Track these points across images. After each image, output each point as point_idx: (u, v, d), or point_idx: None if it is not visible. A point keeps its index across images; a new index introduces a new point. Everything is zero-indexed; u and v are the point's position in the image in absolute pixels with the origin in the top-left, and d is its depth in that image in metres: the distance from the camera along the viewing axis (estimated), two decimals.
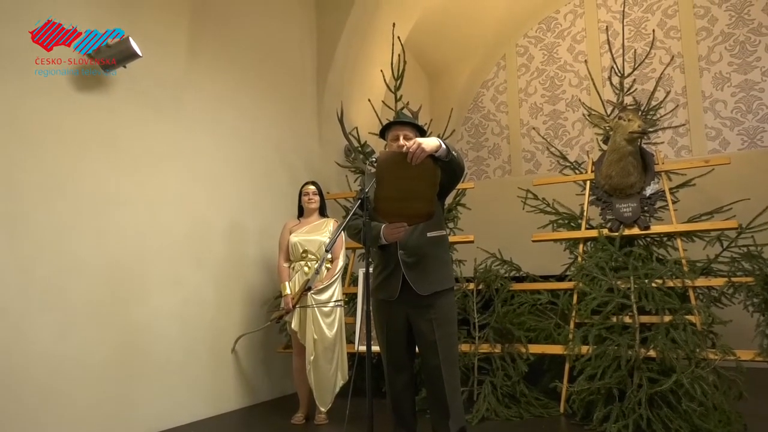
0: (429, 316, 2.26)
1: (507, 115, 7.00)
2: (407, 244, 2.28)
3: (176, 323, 3.46)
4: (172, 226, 3.49)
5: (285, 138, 4.63)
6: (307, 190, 3.74)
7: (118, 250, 3.15)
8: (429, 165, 2.01)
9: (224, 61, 4.02)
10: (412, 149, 1.97)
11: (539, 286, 3.80)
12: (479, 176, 7.05)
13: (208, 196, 3.79)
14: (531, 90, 6.88)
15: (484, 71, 7.19)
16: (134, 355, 3.19)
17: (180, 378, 3.45)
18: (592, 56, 6.42)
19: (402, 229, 2.19)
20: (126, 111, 3.25)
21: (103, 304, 3.04)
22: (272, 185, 4.41)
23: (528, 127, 6.82)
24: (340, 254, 3.60)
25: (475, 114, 7.22)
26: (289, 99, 4.74)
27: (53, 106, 2.88)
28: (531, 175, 6.58)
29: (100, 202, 3.08)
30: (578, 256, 3.77)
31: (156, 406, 3.27)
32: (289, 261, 3.72)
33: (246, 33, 4.27)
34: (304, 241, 3.62)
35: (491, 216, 6.02)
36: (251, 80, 4.29)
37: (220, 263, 3.84)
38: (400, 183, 2.03)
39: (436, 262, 2.30)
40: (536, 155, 6.73)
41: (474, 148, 7.18)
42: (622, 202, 3.73)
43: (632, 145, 3.63)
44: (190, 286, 3.59)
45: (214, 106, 3.92)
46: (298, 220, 3.79)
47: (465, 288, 3.82)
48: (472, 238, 3.92)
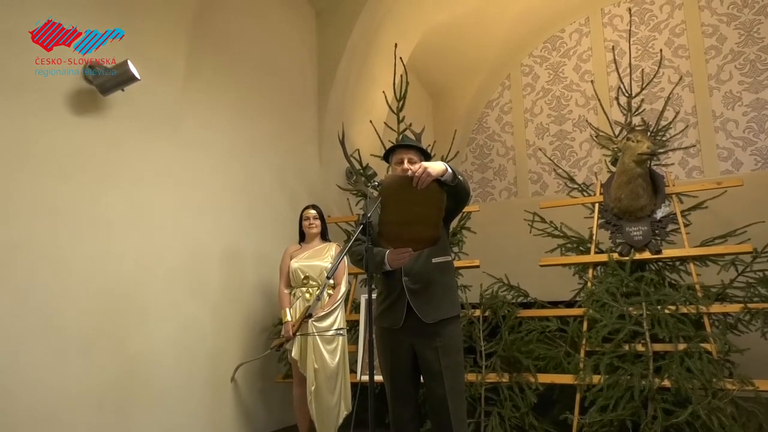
0: (434, 344, 2.26)
1: (512, 135, 7.07)
2: (412, 270, 2.30)
3: (173, 351, 3.46)
4: (169, 251, 3.52)
5: (285, 160, 4.69)
6: (308, 214, 3.78)
7: (114, 276, 3.17)
8: (435, 189, 2.05)
9: (222, 82, 4.10)
10: (417, 174, 2.01)
11: (548, 313, 3.79)
12: (484, 198, 7.08)
13: (205, 220, 3.83)
14: (537, 110, 6.96)
15: (489, 91, 7.29)
16: (130, 383, 3.18)
17: (177, 408, 3.43)
18: (599, 76, 6.52)
19: (407, 255, 2.20)
20: (122, 133, 3.31)
21: (99, 331, 3.05)
22: (272, 209, 4.44)
23: (534, 147, 6.88)
24: (342, 280, 3.61)
25: (479, 135, 7.29)
26: (288, 120, 4.81)
27: (48, 128, 2.93)
28: (538, 197, 6.61)
29: (96, 226, 3.11)
30: (588, 282, 3.77)
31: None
32: (290, 287, 3.73)
33: (245, 53, 4.36)
34: (305, 267, 3.63)
35: (497, 240, 6.03)
36: (250, 102, 4.36)
37: (218, 289, 3.85)
38: (405, 207, 2.06)
39: (442, 288, 2.32)
40: (543, 177, 6.78)
41: (479, 170, 7.23)
42: (632, 225, 3.74)
43: (641, 166, 3.66)
44: (188, 312, 3.59)
45: (212, 128, 3.98)
46: (300, 245, 3.81)
47: (471, 315, 3.81)
48: (478, 262, 3.93)
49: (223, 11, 4.15)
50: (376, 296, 2.45)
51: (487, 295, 3.92)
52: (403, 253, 2.20)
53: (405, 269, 2.30)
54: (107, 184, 3.20)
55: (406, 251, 2.20)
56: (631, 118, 4.02)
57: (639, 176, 3.68)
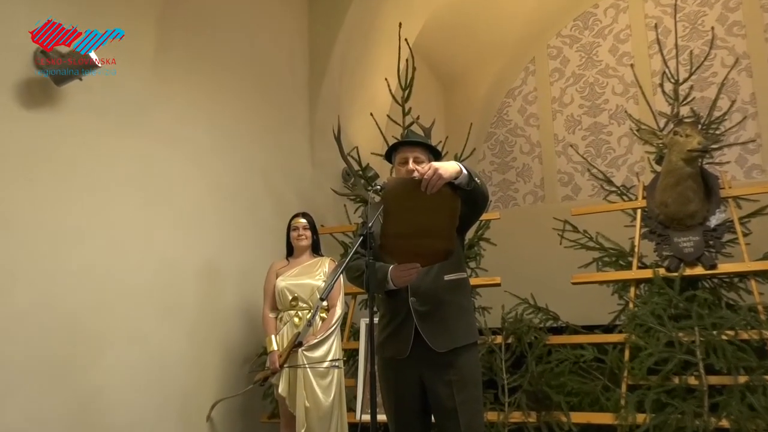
0: (448, 377, 2.27)
1: (538, 129, 7.09)
2: (420, 289, 2.31)
3: (140, 385, 3.47)
4: (135, 267, 3.53)
5: (271, 160, 4.71)
6: (297, 224, 3.79)
7: (70, 297, 3.18)
8: (447, 194, 2.06)
9: (199, 69, 4.13)
10: (426, 176, 2.02)
11: (582, 339, 3.79)
12: (506, 204, 7.09)
13: (178, 230, 3.84)
14: (566, 99, 6.98)
15: (510, 78, 7.32)
16: (89, 423, 3.18)
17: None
18: (640, 58, 6.54)
19: (414, 271, 2.22)
20: (80, 129, 3.32)
21: (52, 363, 3.06)
22: (256, 218, 4.46)
23: (564, 143, 6.90)
24: (338, 302, 3.62)
25: (499, 129, 7.32)
26: (275, 114, 4.84)
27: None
28: (569, 202, 6.63)
29: (49, 239, 3.13)
30: (629, 302, 3.77)
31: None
32: (276, 310, 3.73)
33: (224, 37, 4.40)
34: (293, 286, 3.64)
35: (521, 253, 6.03)
36: (231, 93, 4.39)
37: (193, 312, 3.86)
38: (412, 216, 2.08)
39: (455, 310, 2.33)
40: (575, 178, 6.79)
41: (499, 170, 7.25)
42: (681, 235, 3.75)
43: (691, 165, 3.67)
44: (157, 339, 3.60)
45: (187, 124, 4.01)
46: (287, 261, 3.82)
47: (491, 342, 3.82)
48: (499, 280, 3.93)
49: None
50: (378, 320, 2.45)
51: (510, 319, 3.92)
52: (410, 269, 2.21)
53: (412, 288, 2.31)
54: (62, 188, 3.21)
55: (413, 267, 2.21)
56: (679, 109, 4.04)
57: (689, 177, 3.69)
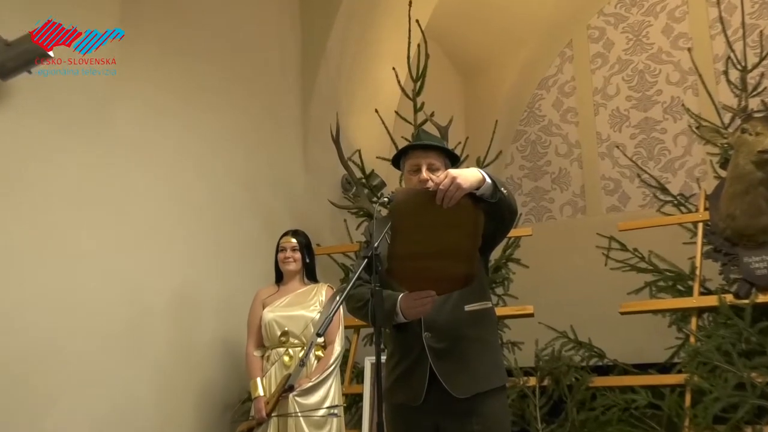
0: (470, 427, 2.26)
1: (577, 127, 7.08)
2: (436, 322, 2.30)
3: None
4: (94, 296, 3.53)
5: (256, 167, 4.71)
6: (285, 243, 3.79)
7: (16, 333, 3.17)
8: (467, 208, 2.06)
9: (167, 61, 4.13)
10: (443, 186, 2.01)
11: (633, 381, 3.76)
12: (539, 217, 7.07)
13: (144, 253, 3.84)
14: (611, 90, 6.97)
15: (542, 65, 7.32)
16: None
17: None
18: (699, 41, 6.53)
19: (428, 301, 2.21)
20: (28, 131, 3.33)
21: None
22: (238, 237, 4.46)
23: (609, 143, 6.88)
24: (337, 337, 3.61)
25: (530, 126, 7.31)
26: (260, 112, 4.85)
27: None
28: (615, 214, 6.59)
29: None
30: (690, 336, 3.74)
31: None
32: (263, 348, 3.73)
33: (199, 21, 4.41)
34: (283, 318, 3.63)
35: (558, 276, 6.00)
36: (206, 87, 4.40)
37: (162, 351, 3.85)
38: (426, 234, 2.07)
39: (479, 347, 2.33)
40: (622, 185, 6.76)
41: (530, 176, 7.23)
42: (752, 253, 3.71)
43: (763, 169, 3.64)
44: (120, 384, 3.59)
45: (156, 124, 4.01)
46: (276, 287, 3.81)
47: (522, 385, 3.80)
48: (532, 309, 3.92)
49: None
50: (385, 360, 2.44)
51: (546, 357, 3.90)
52: (423, 298, 2.20)
53: (426, 321, 2.30)
54: (6, 202, 3.22)
55: (428, 296, 2.20)
56: (747, 101, 4.02)
57: (760, 183, 3.66)
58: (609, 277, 4.33)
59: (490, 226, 2.19)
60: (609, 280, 4.37)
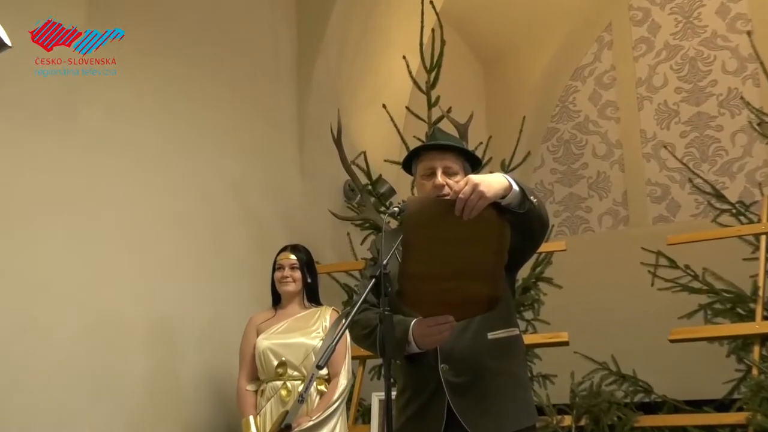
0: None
1: (618, 123, 7.06)
2: (455, 352, 2.29)
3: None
4: (56, 323, 3.50)
5: (245, 172, 4.71)
6: (283, 261, 3.78)
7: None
8: (491, 220, 2.05)
9: (144, 48, 4.12)
10: (462, 194, 2.01)
11: (686, 421, 3.74)
12: (575, 229, 7.05)
13: (118, 271, 3.83)
14: (657, 81, 6.96)
15: (577, 52, 7.31)
16: None
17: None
18: (761, 22, 6.51)
19: (445, 328, 2.19)
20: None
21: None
22: (226, 252, 4.45)
23: (655, 143, 6.86)
24: (343, 369, 3.59)
25: (563, 124, 7.30)
26: (251, 108, 4.85)
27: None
28: (663, 225, 6.58)
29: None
30: (752, 367, 3.72)
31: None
32: (257, 381, 3.71)
33: (180, 6, 4.41)
34: (279, 347, 3.62)
35: (596, 298, 5.98)
36: (189, 79, 4.40)
37: (139, 386, 3.82)
38: (443, 250, 2.07)
39: (504, 382, 2.32)
40: (671, 191, 6.74)
41: (563, 182, 7.21)
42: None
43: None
44: (90, 424, 3.57)
45: (129, 124, 4.00)
46: (273, 311, 3.81)
47: (556, 425, 3.78)
48: (566, 337, 3.89)
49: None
50: (395, 396, 2.43)
51: (583, 392, 3.89)
52: (440, 324, 2.19)
53: (443, 352, 2.30)
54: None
55: (445, 322, 2.19)
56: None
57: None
58: (656, 299, 4.32)
59: (518, 241, 2.16)
60: (656, 303, 4.35)
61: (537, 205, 2.16)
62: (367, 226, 4.82)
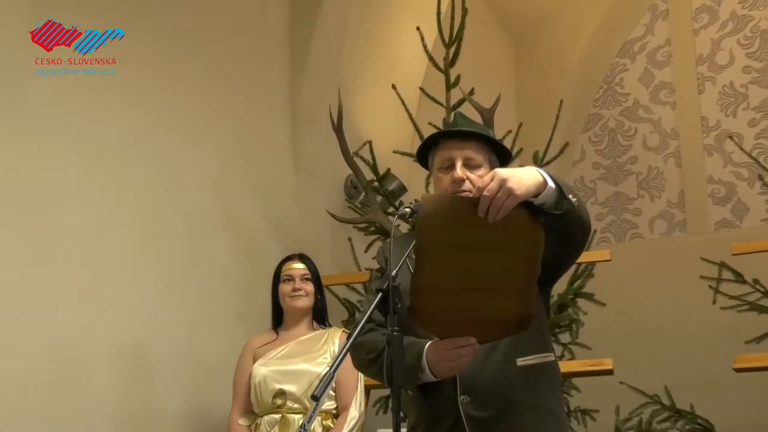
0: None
1: (674, 109, 7.06)
2: (477, 382, 2.29)
3: None
4: (11, 350, 3.49)
5: (229, 165, 4.72)
6: (291, 271, 3.77)
7: None
8: (522, 223, 2.05)
9: (107, 18, 4.08)
10: (488, 191, 1.99)
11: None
12: (621, 236, 7.05)
13: (79, 287, 3.82)
14: (722, 59, 6.95)
15: (625, 24, 7.31)
16: None
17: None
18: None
19: (467, 352, 2.18)
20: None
21: None
22: (204, 264, 4.45)
23: (719, 132, 6.85)
24: (354, 401, 3.60)
25: (608, 109, 7.30)
26: (236, 89, 4.86)
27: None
28: (728, 231, 6.57)
29: None
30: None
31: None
32: (251, 415, 3.72)
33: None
34: (279, 374, 3.63)
35: (646, 318, 5.98)
36: (160, 54, 4.40)
37: (106, 424, 3.84)
38: (464, 259, 2.06)
39: (536, 417, 2.31)
40: (737, 191, 6.73)
41: (607, 179, 7.21)
42: None
43: None
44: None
45: (82, 107, 3.99)
46: (275, 334, 3.81)
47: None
48: (610, 364, 3.88)
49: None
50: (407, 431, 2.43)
51: (631, 430, 3.87)
52: (460, 347, 2.18)
53: (463, 381, 2.29)
54: None
55: (466, 344, 2.18)
56: None
57: None
58: (719, 320, 4.31)
59: (553, 248, 2.16)
60: (719, 324, 4.35)
61: (577, 205, 2.14)
62: (373, 230, 4.82)
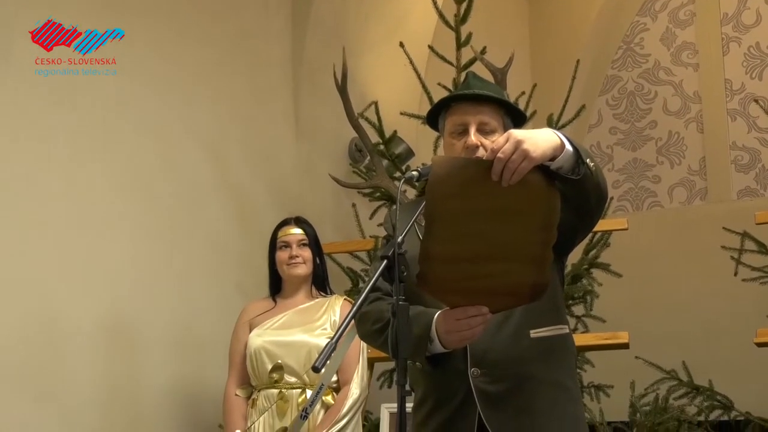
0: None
1: (697, 71, 7.03)
2: (488, 354, 2.30)
3: None
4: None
5: (224, 127, 4.72)
6: (287, 237, 3.76)
7: None
8: (538, 187, 2.04)
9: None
10: (502, 153, 1.98)
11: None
12: (638, 204, 7.05)
13: (59, 261, 3.82)
14: (748, 18, 6.92)
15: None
16: None
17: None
18: None
19: (478, 322, 2.18)
20: None
21: None
22: (200, 230, 4.46)
23: (743, 96, 6.83)
24: (355, 375, 3.60)
25: (626, 71, 7.27)
26: (233, 47, 4.85)
27: None
28: (751, 199, 6.57)
29: None
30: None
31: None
32: (248, 387, 3.73)
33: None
34: (274, 346, 3.63)
35: (664, 290, 6.00)
36: (147, 7, 4.37)
37: (91, 404, 3.83)
38: (476, 225, 2.06)
39: (549, 392, 2.33)
40: (761, 157, 6.72)
41: (625, 144, 7.20)
42: None
43: None
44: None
45: (82, 66, 4.00)
46: (272, 302, 3.81)
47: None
48: (626, 338, 3.90)
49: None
50: (413, 408, 2.44)
51: (646, 407, 3.92)
52: (471, 317, 2.18)
53: (473, 353, 2.30)
54: None
55: (478, 314, 2.18)
56: None
57: None
58: (740, 292, 4.32)
59: (569, 216, 2.15)
60: (740, 297, 4.36)
61: (594, 170, 2.13)
62: (378, 196, 4.83)
